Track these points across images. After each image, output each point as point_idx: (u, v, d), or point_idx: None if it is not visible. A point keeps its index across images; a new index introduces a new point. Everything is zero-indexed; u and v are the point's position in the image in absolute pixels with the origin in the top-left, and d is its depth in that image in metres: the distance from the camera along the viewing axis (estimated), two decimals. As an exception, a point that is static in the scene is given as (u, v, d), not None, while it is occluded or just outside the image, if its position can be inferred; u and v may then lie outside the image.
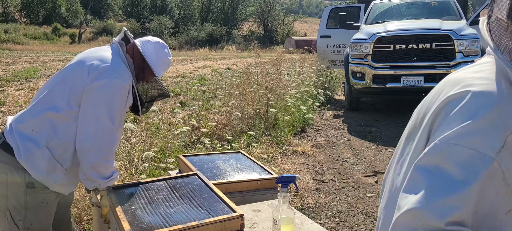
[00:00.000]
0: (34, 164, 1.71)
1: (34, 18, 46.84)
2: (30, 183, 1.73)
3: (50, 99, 1.76)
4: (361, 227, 2.98)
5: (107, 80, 1.73)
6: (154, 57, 1.94)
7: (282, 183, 1.54)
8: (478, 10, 7.67)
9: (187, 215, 1.53)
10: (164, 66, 2.01)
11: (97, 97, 1.72)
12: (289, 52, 13.69)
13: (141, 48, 1.92)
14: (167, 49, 2.01)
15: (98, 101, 1.72)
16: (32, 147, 1.71)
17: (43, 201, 1.78)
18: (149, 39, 1.99)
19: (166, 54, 2.00)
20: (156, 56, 1.94)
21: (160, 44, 1.99)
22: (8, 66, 14.27)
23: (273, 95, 6.00)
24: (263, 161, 4.19)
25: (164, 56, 1.99)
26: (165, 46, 2.00)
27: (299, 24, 68.60)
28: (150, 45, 1.95)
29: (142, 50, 1.91)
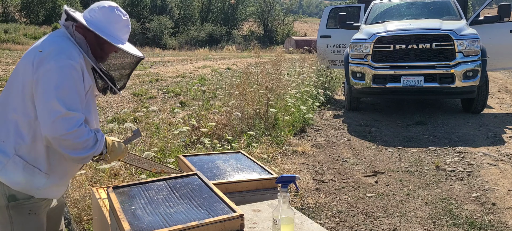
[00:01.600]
0: (9, 176, 1.60)
1: (34, 18, 46.81)
2: (11, 196, 1.62)
3: (8, 103, 1.65)
4: (361, 227, 2.98)
5: (52, 64, 1.56)
6: (106, 25, 1.70)
7: (282, 183, 1.54)
8: (478, 10, 7.66)
9: (187, 215, 1.53)
10: (123, 30, 1.76)
11: (44, 85, 1.55)
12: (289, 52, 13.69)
13: (85, 19, 1.69)
14: (119, 10, 1.74)
15: (46, 88, 1.55)
16: (1, 158, 1.61)
17: (30, 211, 1.66)
18: (93, 7, 1.73)
19: (120, 16, 1.73)
20: (108, 24, 1.70)
21: (108, 7, 1.72)
22: (8, 66, 14.26)
23: (273, 95, 6.00)
24: (263, 161, 4.19)
25: (118, 20, 1.73)
26: (115, 8, 1.73)
27: (299, 24, 68.59)
28: (96, 13, 1.71)
29: (87, 21, 1.68)
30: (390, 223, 3.02)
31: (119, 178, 3.32)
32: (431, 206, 3.29)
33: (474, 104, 6.76)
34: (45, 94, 1.55)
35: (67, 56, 1.59)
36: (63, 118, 1.54)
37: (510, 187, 3.67)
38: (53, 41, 1.66)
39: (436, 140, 5.31)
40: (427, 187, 3.69)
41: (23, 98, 1.61)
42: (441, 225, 2.97)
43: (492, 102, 8.18)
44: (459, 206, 3.28)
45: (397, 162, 4.44)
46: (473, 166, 4.21)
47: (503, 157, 4.52)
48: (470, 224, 2.96)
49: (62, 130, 1.54)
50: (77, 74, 1.61)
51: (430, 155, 4.68)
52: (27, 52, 1.67)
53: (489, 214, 3.13)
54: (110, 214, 1.76)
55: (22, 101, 1.61)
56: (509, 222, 2.99)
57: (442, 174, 4.04)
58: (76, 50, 1.64)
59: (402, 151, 4.84)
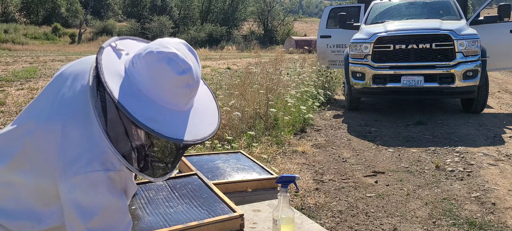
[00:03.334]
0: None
1: (34, 18, 46.83)
2: None
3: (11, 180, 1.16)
4: (361, 227, 2.98)
5: (79, 179, 1.06)
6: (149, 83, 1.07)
7: (282, 183, 1.54)
8: (478, 10, 7.67)
9: (187, 215, 1.53)
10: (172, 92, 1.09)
11: (73, 203, 1.07)
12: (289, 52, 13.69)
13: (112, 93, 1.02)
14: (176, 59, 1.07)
15: (73, 215, 1.08)
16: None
17: None
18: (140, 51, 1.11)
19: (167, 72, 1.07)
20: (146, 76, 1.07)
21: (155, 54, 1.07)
22: (8, 66, 14.27)
23: (273, 95, 6.00)
24: (263, 161, 4.20)
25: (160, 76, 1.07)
26: (165, 57, 1.07)
27: (299, 24, 68.58)
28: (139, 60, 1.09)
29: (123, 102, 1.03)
30: (390, 223, 3.02)
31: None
32: (431, 206, 3.29)
33: (474, 104, 6.76)
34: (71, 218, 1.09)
35: (102, 165, 1.08)
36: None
37: (510, 187, 3.67)
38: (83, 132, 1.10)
39: (436, 140, 5.31)
40: (427, 187, 3.69)
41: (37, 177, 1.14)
42: (441, 225, 2.97)
43: (492, 102, 8.19)
44: (459, 206, 3.28)
45: (397, 162, 4.44)
46: (473, 166, 4.22)
47: (503, 157, 4.52)
48: (470, 224, 2.96)
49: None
50: (120, 186, 1.13)
51: (430, 155, 4.68)
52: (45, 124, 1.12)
53: (489, 214, 3.13)
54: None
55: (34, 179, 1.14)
56: (509, 222, 2.99)
57: (442, 174, 4.04)
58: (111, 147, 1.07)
59: (402, 151, 4.84)
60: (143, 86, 1.07)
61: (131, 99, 1.04)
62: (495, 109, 7.50)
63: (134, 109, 1.03)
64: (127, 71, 1.09)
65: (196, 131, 1.11)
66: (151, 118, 1.04)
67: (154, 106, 1.07)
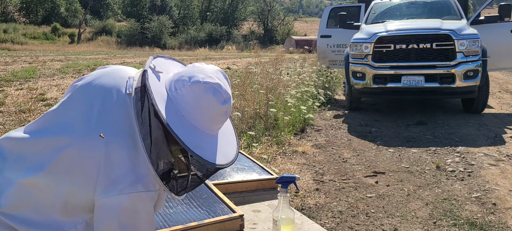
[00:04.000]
0: None
1: (33, 18, 46.82)
2: None
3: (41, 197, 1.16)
4: (362, 227, 2.97)
5: (123, 199, 1.10)
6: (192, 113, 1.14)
7: (282, 183, 1.53)
8: (478, 10, 7.66)
9: (186, 215, 1.52)
10: (215, 119, 1.18)
11: (111, 220, 1.12)
12: (289, 52, 13.67)
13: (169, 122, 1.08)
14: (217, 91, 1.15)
15: (112, 225, 1.12)
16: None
17: None
18: (182, 75, 1.17)
19: (212, 102, 1.15)
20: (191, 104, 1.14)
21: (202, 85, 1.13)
22: (8, 66, 14.26)
23: (273, 95, 5.99)
24: (263, 161, 4.18)
25: (211, 105, 1.15)
26: (210, 87, 1.14)
27: (299, 24, 68.60)
28: (184, 89, 1.14)
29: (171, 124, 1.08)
30: (390, 223, 3.01)
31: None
32: (432, 206, 3.28)
33: (475, 104, 6.75)
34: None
35: (144, 186, 1.12)
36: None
37: (510, 187, 3.66)
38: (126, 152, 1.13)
39: (437, 140, 5.30)
40: (428, 187, 3.68)
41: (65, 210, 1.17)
42: (442, 225, 2.95)
43: (492, 102, 8.18)
44: (460, 206, 3.27)
45: (397, 162, 4.42)
46: (474, 166, 4.20)
47: (504, 157, 4.51)
48: (471, 224, 2.95)
49: None
50: (151, 209, 1.17)
51: (430, 155, 4.66)
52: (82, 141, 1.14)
53: (489, 214, 3.12)
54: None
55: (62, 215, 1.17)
56: (509, 222, 2.98)
57: (442, 174, 4.03)
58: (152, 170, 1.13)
59: (402, 151, 4.83)
60: (188, 113, 1.13)
61: (179, 126, 1.09)
62: (495, 110, 7.49)
63: (184, 137, 1.08)
64: (170, 96, 1.14)
65: (226, 154, 1.20)
66: (198, 145, 1.11)
67: (197, 133, 1.14)
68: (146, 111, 1.13)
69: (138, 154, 1.13)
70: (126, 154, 1.12)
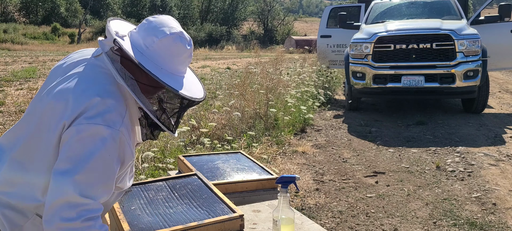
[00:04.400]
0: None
1: (33, 18, 46.81)
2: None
3: (26, 156, 1.29)
4: (362, 227, 2.97)
5: (82, 129, 1.17)
6: (164, 59, 1.29)
7: (282, 184, 1.53)
8: (478, 10, 7.66)
9: (186, 215, 1.52)
10: (183, 62, 1.35)
11: (65, 153, 1.18)
12: (289, 52, 13.67)
13: (138, 50, 1.27)
14: (181, 38, 1.32)
15: (65, 157, 1.17)
16: (18, 218, 1.31)
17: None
18: (150, 27, 1.30)
19: (182, 47, 1.32)
20: (171, 57, 1.30)
21: (170, 37, 1.29)
22: (8, 66, 14.26)
23: (273, 95, 5.99)
24: (263, 161, 4.18)
25: (181, 50, 1.32)
26: (177, 37, 1.30)
27: (299, 24, 68.60)
28: (153, 41, 1.28)
29: (140, 53, 1.26)
30: (390, 223, 3.01)
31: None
32: (432, 206, 3.28)
33: (475, 104, 6.75)
34: (61, 162, 1.18)
35: (105, 122, 1.19)
36: (68, 204, 1.14)
37: (510, 187, 3.66)
38: (92, 86, 1.24)
39: (437, 140, 5.30)
40: (428, 187, 3.68)
41: (46, 150, 1.25)
42: (442, 225, 2.95)
43: (492, 102, 8.18)
44: (460, 206, 3.27)
45: (397, 162, 4.42)
46: (474, 166, 4.20)
47: (504, 157, 4.51)
48: (471, 224, 2.95)
49: (61, 220, 1.14)
50: (113, 148, 1.21)
51: (430, 155, 4.66)
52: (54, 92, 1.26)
53: (489, 214, 3.12)
54: (110, 215, 1.75)
55: (44, 154, 1.26)
56: (509, 222, 2.98)
57: (442, 174, 4.03)
58: (119, 108, 1.24)
59: (402, 151, 4.83)
60: (164, 64, 1.29)
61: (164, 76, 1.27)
62: (495, 110, 7.49)
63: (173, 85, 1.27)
64: (144, 54, 1.28)
65: (196, 89, 1.39)
66: (186, 89, 1.32)
67: (177, 78, 1.32)
68: (126, 68, 1.28)
69: (104, 99, 1.22)
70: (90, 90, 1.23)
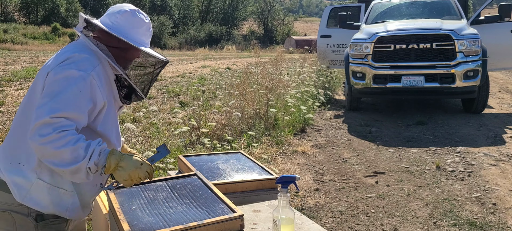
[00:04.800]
0: (35, 200, 1.50)
1: (33, 18, 46.79)
2: (39, 216, 1.53)
3: (24, 119, 1.51)
4: (362, 227, 2.97)
5: (58, 73, 1.46)
6: (131, 30, 1.60)
7: (282, 183, 1.53)
8: (478, 10, 7.65)
9: (186, 215, 1.52)
10: (144, 34, 1.67)
11: (45, 91, 1.45)
12: (289, 52, 13.67)
13: (106, 26, 1.58)
14: (141, 13, 1.67)
15: (44, 94, 1.44)
16: (24, 183, 1.49)
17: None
18: (114, 11, 1.64)
19: (142, 20, 1.65)
20: (132, 28, 1.61)
21: (130, 11, 1.63)
22: (8, 66, 14.26)
23: (273, 95, 5.99)
24: (263, 161, 4.18)
25: (141, 24, 1.64)
26: (136, 11, 1.65)
27: (299, 24, 68.60)
28: (119, 18, 1.60)
29: (108, 27, 1.57)
30: (390, 223, 3.01)
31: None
32: (432, 206, 3.28)
33: (475, 104, 6.75)
34: (41, 100, 1.43)
35: (77, 67, 1.48)
36: (43, 124, 1.37)
37: (510, 187, 3.66)
38: (68, 50, 1.56)
39: (437, 140, 5.30)
40: (428, 187, 3.68)
41: None
42: (442, 225, 2.96)
43: (492, 102, 8.18)
44: (460, 206, 3.27)
45: (397, 162, 4.42)
46: (474, 166, 4.20)
47: (504, 157, 4.51)
48: (471, 224, 2.95)
49: (39, 135, 1.36)
50: (83, 87, 1.47)
51: (430, 155, 4.66)
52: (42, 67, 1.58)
53: (489, 214, 3.12)
54: (110, 215, 1.75)
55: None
56: (509, 222, 2.98)
57: (442, 174, 4.03)
58: (92, 60, 1.53)
59: (402, 151, 4.83)
60: (128, 34, 1.60)
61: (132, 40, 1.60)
62: (495, 110, 7.49)
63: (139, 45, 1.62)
64: (110, 26, 1.59)
65: (163, 57, 1.76)
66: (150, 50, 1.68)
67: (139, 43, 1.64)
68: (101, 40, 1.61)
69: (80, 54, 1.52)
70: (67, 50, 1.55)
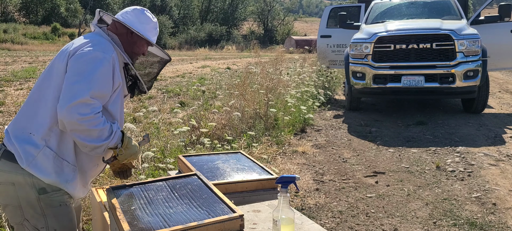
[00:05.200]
0: (39, 167, 1.63)
1: (33, 18, 46.76)
2: (41, 189, 1.65)
3: (40, 95, 1.69)
4: (362, 227, 2.97)
5: (85, 53, 1.64)
6: (140, 25, 1.82)
7: (282, 184, 1.53)
8: (478, 10, 7.65)
9: (186, 215, 1.52)
10: (153, 31, 1.88)
11: (73, 70, 1.62)
12: (289, 52, 13.67)
13: (123, 21, 1.81)
14: (148, 12, 1.89)
15: (75, 72, 1.61)
16: (32, 150, 1.63)
17: (61, 204, 1.70)
18: (126, 10, 1.88)
19: (150, 18, 1.87)
20: (141, 23, 1.83)
21: (139, 9, 1.87)
22: (8, 66, 14.25)
23: (273, 95, 5.99)
24: (263, 161, 4.18)
25: (148, 21, 1.86)
26: (144, 10, 1.88)
27: (299, 24, 68.60)
28: (129, 15, 1.84)
29: (124, 21, 1.81)
30: (390, 223, 3.01)
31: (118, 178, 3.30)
32: (432, 206, 3.28)
33: (475, 104, 6.75)
34: (72, 78, 1.60)
35: (101, 49, 1.68)
36: (83, 103, 1.56)
37: (510, 187, 3.66)
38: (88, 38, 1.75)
39: (437, 140, 5.30)
40: (428, 187, 3.68)
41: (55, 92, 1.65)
42: (442, 225, 2.96)
43: (492, 102, 8.18)
44: (460, 206, 3.27)
45: (397, 162, 4.42)
46: (474, 166, 4.20)
47: (504, 157, 4.51)
48: (471, 224, 2.95)
49: (79, 114, 1.55)
50: (108, 68, 1.66)
51: (430, 155, 4.66)
52: (62, 50, 1.75)
53: (489, 214, 3.12)
54: (110, 215, 1.75)
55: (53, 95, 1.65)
56: (509, 222, 2.98)
57: (442, 174, 4.03)
58: (110, 46, 1.73)
59: (402, 151, 4.83)
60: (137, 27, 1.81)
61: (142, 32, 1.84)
62: (495, 110, 7.49)
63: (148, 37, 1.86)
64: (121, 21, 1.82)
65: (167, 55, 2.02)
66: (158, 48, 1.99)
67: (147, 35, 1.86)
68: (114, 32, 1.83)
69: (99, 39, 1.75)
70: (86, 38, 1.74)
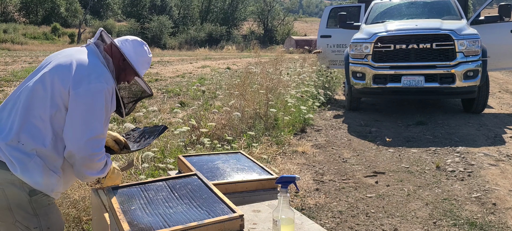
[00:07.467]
0: (30, 175, 1.66)
1: (33, 18, 46.78)
2: (32, 191, 1.69)
3: (32, 108, 1.68)
4: (362, 227, 2.97)
5: (93, 86, 1.68)
6: (134, 56, 1.89)
7: (282, 184, 1.53)
8: (478, 10, 7.65)
9: (186, 215, 1.52)
10: (145, 65, 1.96)
11: (84, 105, 1.67)
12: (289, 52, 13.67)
13: (120, 47, 1.86)
14: (146, 47, 1.96)
15: (87, 108, 1.67)
16: (24, 158, 1.65)
17: (50, 203, 1.75)
18: (127, 38, 1.94)
19: (146, 52, 1.95)
20: (136, 55, 1.89)
21: (139, 42, 1.94)
22: (8, 66, 14.26)
23: (273, 95, 5.99)
24: (263, 161, 4.18)
25: (144, 54, 1.93)
26: (144, 44, 1.95)
27: (299, 24, 68.60)
28: (128, 44, 1.90)
29: (121, 48, 1.86)
30: (390, 223, 3.01)
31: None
32: (432, 206, 3.28)
33: (475, 104, 6.75)
34: (85, 113, 1.66)
35: (105, 81, 1.73)
36: (96, 139, 1.68)
37: (510, 187, 3.66)
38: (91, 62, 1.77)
39: (437, 140, 5.30)
40: (428, 187, 3.68)
41: (51, 108, 1.67)
42: (442, 225, 2.95)
43: (492, 103, 8.18)
44: (460, 206, 3.27)
45: (397, 162, 4.42)
46: (474, 166, 4.20)
47: (504, 157, 4.51)
48: (471, 224, 2.95)
49: (92, 149, 1.67)
50: (109, 99, 1.74)
51: (430, 155, 4.66)
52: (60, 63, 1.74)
53: (489, 214, 3.12)
54: (110, 215, 1.75)
55: (49, 110, 1.67)
56: (509, 222, 2.98)
57: (442, 174, 4.03)
58: (109, 75, 1.78)
59: (402, 151, 4.83)
60: (132, 58, 1.89)
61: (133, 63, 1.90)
62: (495, 110, 7.49)
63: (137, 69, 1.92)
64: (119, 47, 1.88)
65: (150, 90, 2.10)
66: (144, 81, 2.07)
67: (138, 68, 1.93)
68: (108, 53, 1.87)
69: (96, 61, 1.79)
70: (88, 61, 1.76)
